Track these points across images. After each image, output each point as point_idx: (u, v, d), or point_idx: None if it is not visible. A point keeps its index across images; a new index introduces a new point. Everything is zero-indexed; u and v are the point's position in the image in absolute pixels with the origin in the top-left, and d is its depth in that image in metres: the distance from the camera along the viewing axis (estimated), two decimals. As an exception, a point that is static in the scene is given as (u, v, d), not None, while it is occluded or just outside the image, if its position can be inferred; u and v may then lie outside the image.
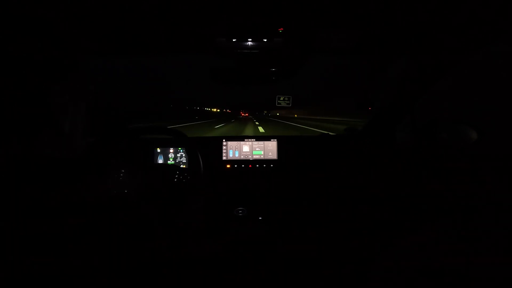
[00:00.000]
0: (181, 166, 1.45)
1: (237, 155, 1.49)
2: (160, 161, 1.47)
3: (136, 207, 1.11)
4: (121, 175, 1.07)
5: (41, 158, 0.83)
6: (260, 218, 1.37)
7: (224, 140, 1.49)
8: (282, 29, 0.94)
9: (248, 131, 9.88)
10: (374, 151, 1.45)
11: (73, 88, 0.87)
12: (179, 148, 1.47)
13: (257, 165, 1.46)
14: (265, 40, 1.00)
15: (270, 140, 1.50)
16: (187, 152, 1.45)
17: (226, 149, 1.49)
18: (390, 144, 1.48)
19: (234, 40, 1.00)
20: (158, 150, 1.47)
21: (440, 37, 0.99)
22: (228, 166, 1.47)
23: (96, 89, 1.16)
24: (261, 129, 10.51)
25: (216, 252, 1.27)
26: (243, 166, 1.47)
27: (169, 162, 1.47)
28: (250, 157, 1.48)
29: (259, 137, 1.51)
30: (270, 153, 1.48)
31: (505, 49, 0.97)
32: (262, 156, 1.48)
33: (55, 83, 0.81)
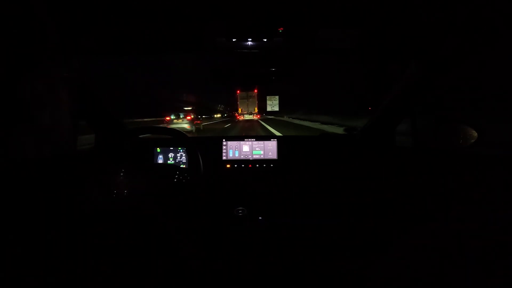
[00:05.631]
0: (181, 166, 1.45)
1: (237, 155, 1.49)
2: (160, 161, 1.47)
3: (136, 208, 1.11)
4: (121, 175, 1.07)
5: (32, 159, 0.80)
6: (260, 218, 1.37)
7: (224, 140, 1.49)
8: (282, 29, 0.94)
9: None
10: (374, 151, 1.45)
11: (48, 76, 0.81)
12: (179, 148, 1.47)
13: (257, 165, 1.46)
14: (265, 40, 1.00)
15: (270, 140, 1.50)
16: (187, 152, 1.45)
17: (226, 149, 1.49)
18: (389, 144, 1.48)
19: (234, 40, 1.00)
20: (158, 150, 1.47)
21: (440, 37, 0.99)
22: (228, 166, 1.46)
23: (81, 79, 1.14)
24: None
25: (215, 251, 1.27)
26: (243, 166, 1.46)
27: (169, 162, 1.47)
28: (250, 157, 1.48)
29: (259, 137, 1.51)
30: (270, 153, 1.48)
31: (505, 49, 0.97)
32: (262, 156, 1.48)
33: (25, 71, 0.75)
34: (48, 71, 0.78)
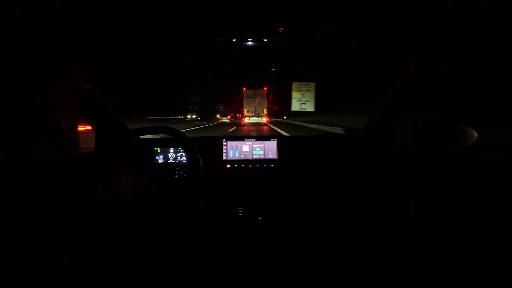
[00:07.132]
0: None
1: (237, 155, 1.49)
2: (160, 161, 1.47)
3: (137, 208, 1.11)
4: (122, 175, 1.08)
5: (40, 159, 0.81)
6: (260, 218, 1.37)
7: (224, 140, 1.49)
8: (282, 29, 0.94)
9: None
10: (374, 150, 1.45)
11: (64, 85, 0.83)
12: (179, 148, 1.47)
13: (257, 165, 1.46)
14: (265, 40, 1.00)
15: (270, 140, 1.50)
16: (187, 152, 1.45)
17: (226, 149, 1.49)
18: (390, 144, 1.48)
19: (234, 40, 1.00)
20: (158, 150, 1.47)
21: (440, 37, 0.99)
22: (228, 166, 1.46)
23: (92, 87, 1.15)
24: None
25: (215, 251, 1.26)
26: (243, 166, 1.46)
27: (169, 161, 1.47)
28: (250, 157, 1.48)
29: (259, 137, 1.51)
30: (270, 153, 1.48)
31: (505, 49, 0.97)
32: (262, 156, 1.48)
33: (45, 80, 0.78)
34: (51, 74, 0.79)
